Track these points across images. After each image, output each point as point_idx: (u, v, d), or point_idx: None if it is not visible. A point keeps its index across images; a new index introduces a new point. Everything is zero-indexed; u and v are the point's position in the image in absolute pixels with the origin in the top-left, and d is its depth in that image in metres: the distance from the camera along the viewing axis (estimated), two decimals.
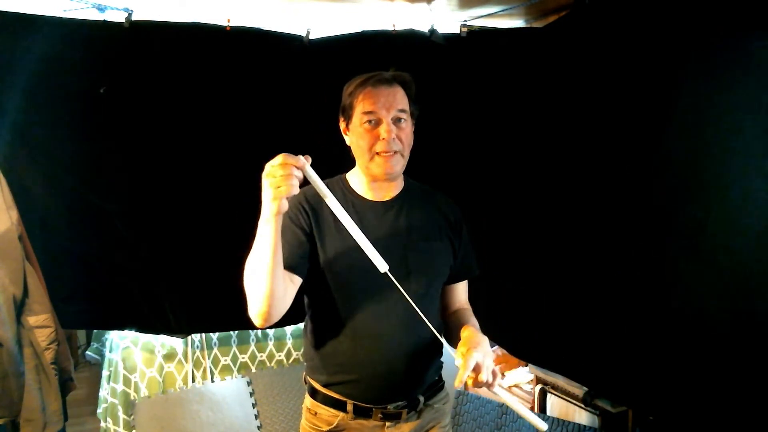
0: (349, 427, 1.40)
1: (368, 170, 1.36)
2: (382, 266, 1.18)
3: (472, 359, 1.15)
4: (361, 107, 1.32)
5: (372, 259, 1.17)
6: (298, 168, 1.06)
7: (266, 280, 1.15)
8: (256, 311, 1.20)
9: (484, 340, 1.24)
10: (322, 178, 1.46)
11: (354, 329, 1.34)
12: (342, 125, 1.41)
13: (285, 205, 1.09)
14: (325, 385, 1.40)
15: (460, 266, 1.49)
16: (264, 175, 1.08)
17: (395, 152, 1.32)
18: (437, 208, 1.47)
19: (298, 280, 1.32)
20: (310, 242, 1.34)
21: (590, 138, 1.95)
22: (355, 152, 1.38)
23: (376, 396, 1.37)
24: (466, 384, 1.16)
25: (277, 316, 1.23)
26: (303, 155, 1.09)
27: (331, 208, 1.15)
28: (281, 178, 1.05)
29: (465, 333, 1.28)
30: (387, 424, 1.39)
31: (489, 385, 1.18)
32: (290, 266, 1.30)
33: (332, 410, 1.39)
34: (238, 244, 2.29)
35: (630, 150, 1.80)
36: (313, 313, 1.43)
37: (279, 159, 1.06)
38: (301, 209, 1.36)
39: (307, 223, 1.34)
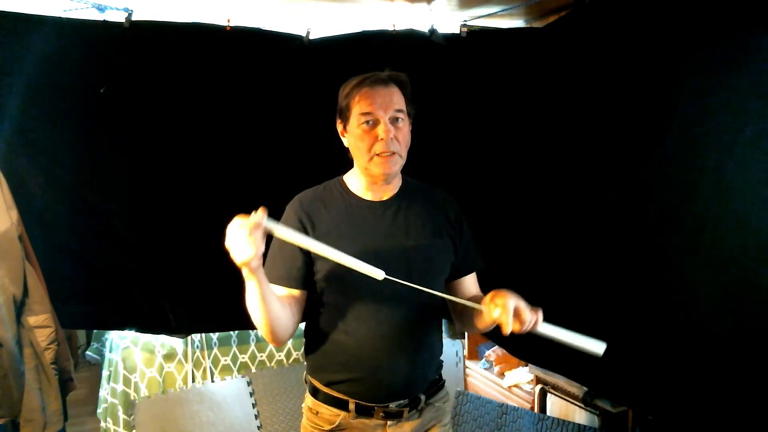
0: (350, 426, 1.40)
1: (367, 171, 1.36)
2: (379, 274, 1.20)
3: (510, 304, 1.17)
4: (358, 108, 1.32)
5: (366, 273, 1.19)
6: (255, 227, 1.08)
7: (264, 319, 1.22)
8: (266, 338, 1.28)
9: (510, 291, 1.23)
10: (323, 179, 1.48)
11: (356, 329, 1.35)
12: (339, 127, 1.41)
13: (257, 263, 1.12)
14: (326, 384, 1.41)
15: (462, 262, 1.49)
16: (226, 241, 1.10)
17: (393, 153, 1.32)
18: (436, 205, 1.47)
19: (302, 294, 1.36)
20: (307, 253, 1.34)
21: (590, 138, 1.94)
22: (354, 153, 1.38)
23: (378, 395, 1.37)
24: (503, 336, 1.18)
25: (288, 337, 1.31)
26: (260, 208, 1.10)
27: (311, 249, 1.18)
28: (243, 242, 1.07)
29: (487, 294, 1.27)
30: (388, 422, 1.39)
31: (535, 324, 1.20)
32: (291, 284, 1.34)
33: (334, 409, 1.40)
34: None
35: (630, 150, 1.80)
36: (314, 313, 1.43)
37: (236, 222, 1.09)
38: (297, 220, 1.37)
39: (305, 233, 1.35)
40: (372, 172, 1.35)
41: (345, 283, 1.34)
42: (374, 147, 1.32)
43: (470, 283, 1.53)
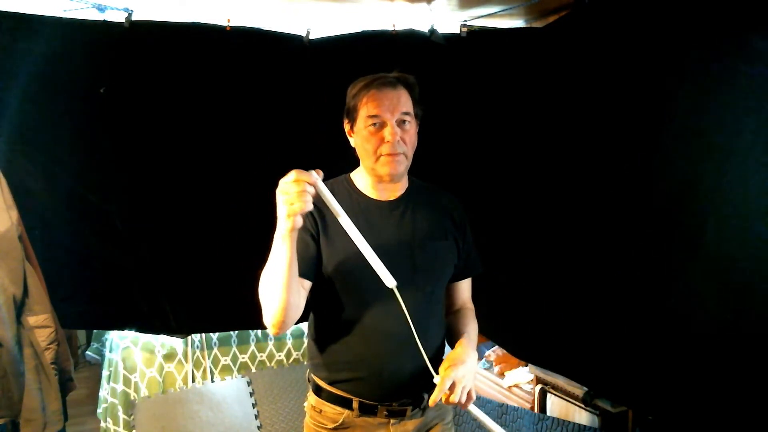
0: (354, 425, 1.40)
1: (374, 171, 1.37)
2: (390, 282, 1.21)
3: (449, 379, 1.22)
4: (365, 110, 1.33)
5: (380, 275, 1.20)
6: (310, 184, 1.08)
7: (282, 293, 1.19)
8: (272, 321, 1.23)
9: (470, 358, 1.29)
10: (325, 178, 1.48)
11: (362, 328, 1.35)
12: (347, 127, 1.42)
13: (299, 222, 1.11)
14: (330, 383, 1.41)
15: (464, 264, 1.50)
16: (278, 192, 1.10)
17: (399, 154, 1.33)
18: (442, 206, 1.48)
19: (308, 285, 1.34)
20: (317, 246, 1.35)
21: (590, 138, 1.95)
22: (360, 154, 1.39)
23: (382, 394, 1.38)
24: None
25: (292, 323, 1.27)
26: (315, 170, 1.11)
27: (344, 227, 1.18)
28: (295, 195, 1.07)
29: (457, 348, 1.33)
30: (392, 421, 1.40)
31: (462, 406, 1.24)
32: (302, 273, 1.32)
33: (337, 408, 1.40)
34: (238, 243, 2.28)
35: (630, 150, 1.80)
36: (319, 311, 1.43)
37: (292, 175, 1.08)
38: (308, 213, 1.36)
39: (314, 227, 1.35)
40: (378, 172, 1.36)
41: (351, 282, 1.34)
42: (380, 148, 1.33)
43: (464, 287, 1.55)
